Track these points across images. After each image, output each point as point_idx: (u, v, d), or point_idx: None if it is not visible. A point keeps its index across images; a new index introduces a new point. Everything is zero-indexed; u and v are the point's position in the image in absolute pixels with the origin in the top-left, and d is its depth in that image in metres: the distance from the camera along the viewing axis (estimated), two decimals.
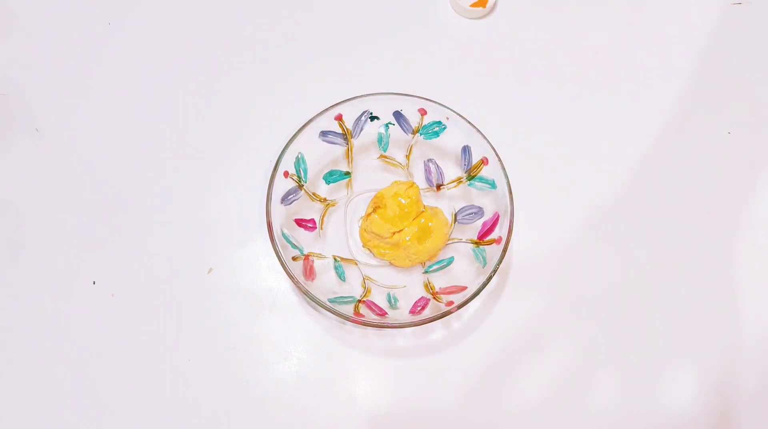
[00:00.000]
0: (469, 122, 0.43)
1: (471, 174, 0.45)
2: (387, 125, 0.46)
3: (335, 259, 0.45)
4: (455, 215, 0.46)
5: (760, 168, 0.50)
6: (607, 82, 0.53)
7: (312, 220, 0.45)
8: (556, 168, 0.49)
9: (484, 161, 0.43)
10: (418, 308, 0.41)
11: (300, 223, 0.44)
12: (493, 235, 0.42)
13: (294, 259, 0.41)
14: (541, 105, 0.52)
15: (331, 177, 0.47)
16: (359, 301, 0.42)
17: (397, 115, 0.45)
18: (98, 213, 0.46)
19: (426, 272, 0.45)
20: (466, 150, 0.45)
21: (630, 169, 0.50)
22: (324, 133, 0.44)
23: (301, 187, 0.44)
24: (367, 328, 0.44)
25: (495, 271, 0.40)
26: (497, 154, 0.43)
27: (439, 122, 0.44)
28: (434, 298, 0.42)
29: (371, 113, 0.45)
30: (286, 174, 0.42)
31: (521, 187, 0.43)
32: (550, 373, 0.43)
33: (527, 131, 0.50)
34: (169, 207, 0.47)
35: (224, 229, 0.46)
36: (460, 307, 0.39)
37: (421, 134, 0.46)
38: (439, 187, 0.47)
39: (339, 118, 0.44)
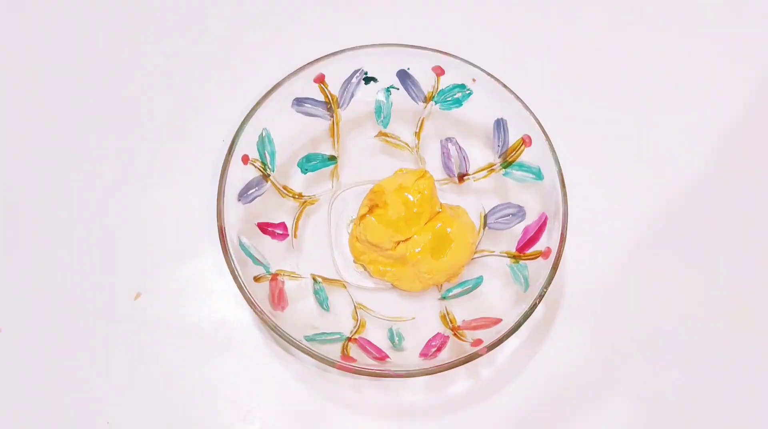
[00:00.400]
0: (505, 86, 0.39)
1: (507, 159, 0.40)
2: (388, 90, 0.42)
3: (315, 280, 0.40)
4: (485, 217, 0.42)
5: None
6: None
7: (282, 225, 0.41)
8: (623, 151, 0.44)
9: (525, 141, 0.39)
10: (433, 349, 0.37)
11: (265, 228, 0.40)
12: (539, 246, 0.38)
13: (257, 279, 0.37)
14: (605, 67, 0.46)
15: (309, 163, 0.43)
16: (349, 339, 0.38)
17: (403, 75, 0.41)
18: None
19: (443, 298, 0.41)
20: (500, 125, 0.40)
21: (725, 157, 0.44)
22: (299, 101, 0.40)
23: (266, 177, 0.40)
24: (361, 378, 0.39)
25: (541, 296, 0.35)
26: (544, 132, 0.37)
27: (463, 86, 0.40)
28: (455, 335, 0.38)
29: (366, 73, 0.41)
30: (245, 159, 0.38)
31: (576, 178, 0.38)
32: None
33: (586, 101, 0.45)
34: (81, 210, 0.42)
35: (158, 238, 0.42)
36: (491, 348, 0.35)
37: (436, 103, 0.42)
38: (462, 177, 0.43)
39: (320, 79, 0.40)
